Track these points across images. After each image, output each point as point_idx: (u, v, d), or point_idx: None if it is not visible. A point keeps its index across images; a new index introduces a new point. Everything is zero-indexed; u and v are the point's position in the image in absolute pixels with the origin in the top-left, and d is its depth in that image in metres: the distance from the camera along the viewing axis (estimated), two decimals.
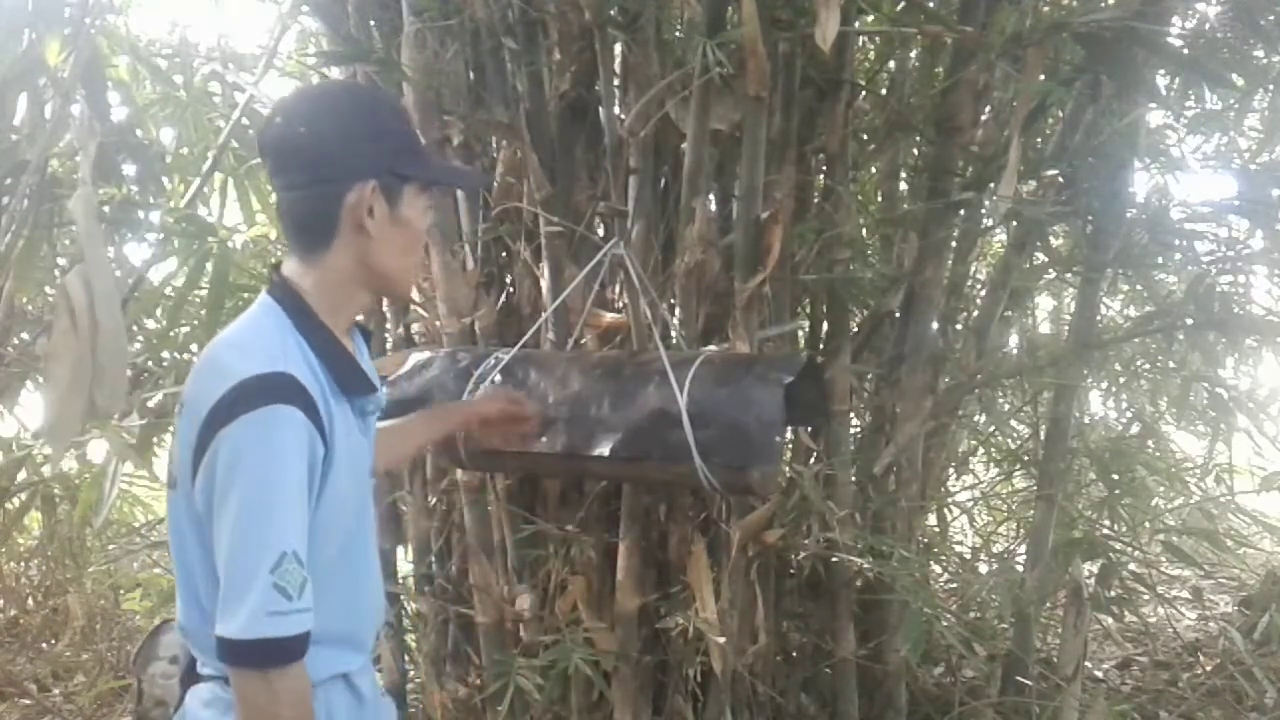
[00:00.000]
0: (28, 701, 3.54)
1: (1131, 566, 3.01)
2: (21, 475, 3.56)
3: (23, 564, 4.36)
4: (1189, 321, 2.86)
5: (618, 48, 2.19)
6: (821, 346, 2.54)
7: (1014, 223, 2.68)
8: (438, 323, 2.28)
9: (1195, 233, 2.85)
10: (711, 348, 2.11)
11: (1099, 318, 3.02)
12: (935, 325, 2.56)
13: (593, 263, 2.08)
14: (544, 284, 2.23)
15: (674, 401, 1.78)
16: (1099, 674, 3.66)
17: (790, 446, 2.37)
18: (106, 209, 2.74)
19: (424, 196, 1.32)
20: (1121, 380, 3.84)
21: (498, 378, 2.00)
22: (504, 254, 2.37)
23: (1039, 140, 2.86)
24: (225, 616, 1.12)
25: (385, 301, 2.45)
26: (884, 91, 2.79)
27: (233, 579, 1.13)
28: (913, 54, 2.80)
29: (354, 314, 1.36)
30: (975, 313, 2.96)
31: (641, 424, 1.83)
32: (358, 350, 1.37)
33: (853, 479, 2.45)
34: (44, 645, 4.11)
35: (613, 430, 1.86)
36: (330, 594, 1.25)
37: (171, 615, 1.33)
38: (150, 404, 3.09)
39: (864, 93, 2.73)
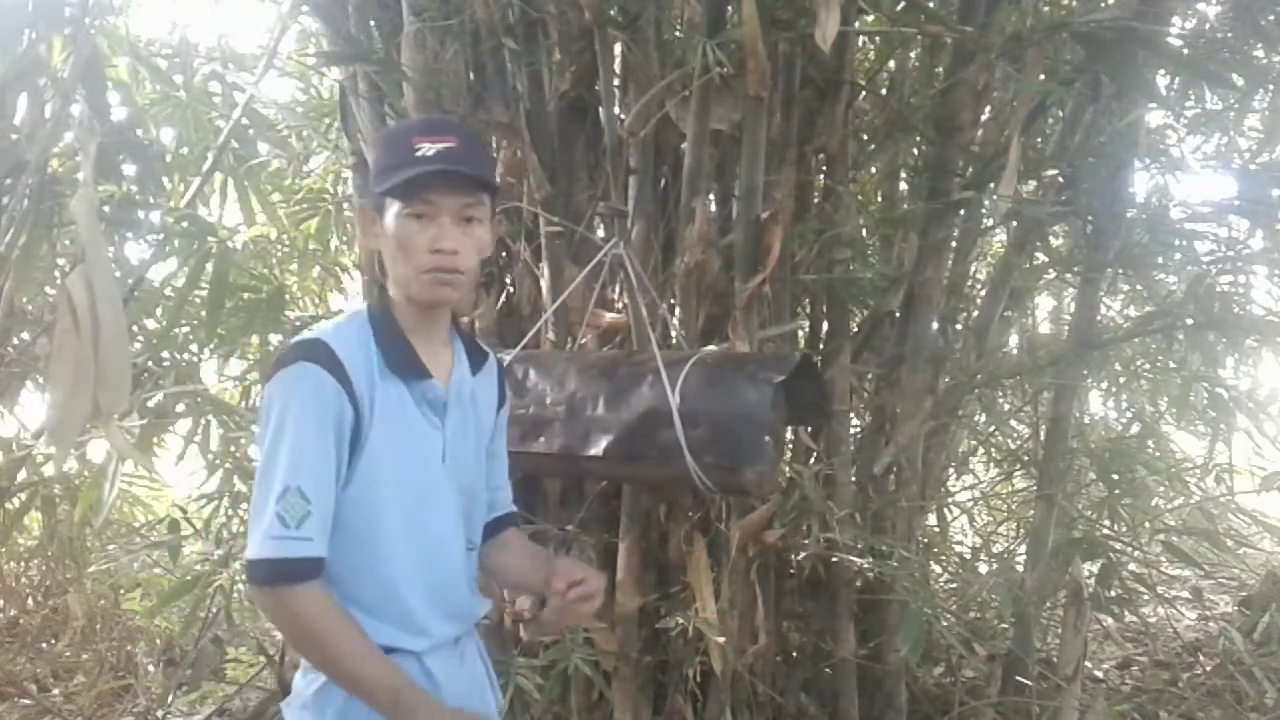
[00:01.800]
0: (28, 701, 3.53)
1: (1131, 566, 3.01)
2: (21, 475, 3.55)
3: (23, 564, 4.35)
4: (1189, 321, 2.86)
5: (618, 48, 2.19)
6: (821, 346, 2.54)
7: (1014, 223, 2.68)
8: None
9: (1195, 233, 2.85)
10: (711, 348, 2.11)
11: (1099, 318, 3.02)
12: (935, 325, 2.56)
13: (593, 263, 2.08)
14: (544, 284, 2.23)
15: (666, 401, 1.78)
16: (1099, 674, 3.66)
17: (790, 446, 2.36)
18: (106, 209, 2.73)
19: (397, 205, 1.36)
20: (1121, 380, 3.84)
21: None
22: (504, 254, 2.37)
23: (1039, 140, 2.86)
24: (249, 539, 1.31)
25: None
26: (884, 91, 2.79)
27: (254, 508, 1.31)
28: (913, 54, 2.80)
29: (421, 314, 1.41)
30: (975, 313, 2.96)
31: (634, 424, 1.83)
32: (456, 355, 1.46)
33: (853, 479, 2.45)
34: (44, 645, 4.11)
35: (607, 430, 1.86)
36: (362, 566, 1.36)
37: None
38: (150, 404, 3.09)
39: (864, 93, 2.73)
